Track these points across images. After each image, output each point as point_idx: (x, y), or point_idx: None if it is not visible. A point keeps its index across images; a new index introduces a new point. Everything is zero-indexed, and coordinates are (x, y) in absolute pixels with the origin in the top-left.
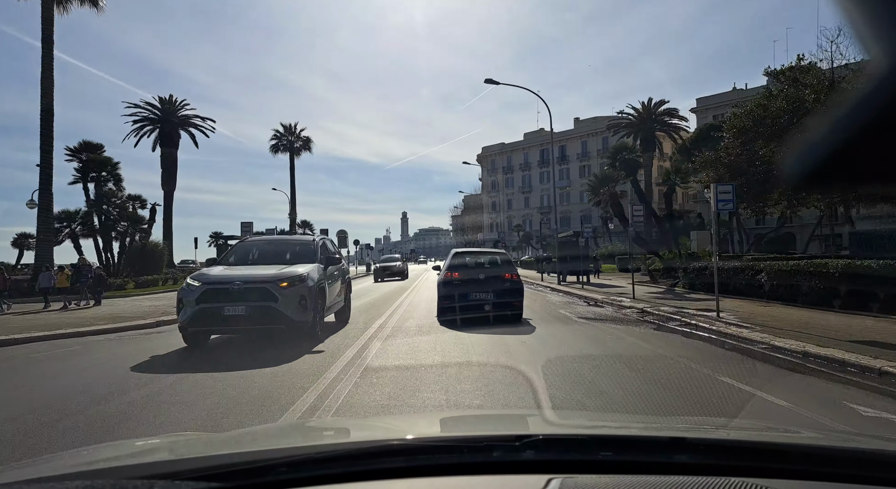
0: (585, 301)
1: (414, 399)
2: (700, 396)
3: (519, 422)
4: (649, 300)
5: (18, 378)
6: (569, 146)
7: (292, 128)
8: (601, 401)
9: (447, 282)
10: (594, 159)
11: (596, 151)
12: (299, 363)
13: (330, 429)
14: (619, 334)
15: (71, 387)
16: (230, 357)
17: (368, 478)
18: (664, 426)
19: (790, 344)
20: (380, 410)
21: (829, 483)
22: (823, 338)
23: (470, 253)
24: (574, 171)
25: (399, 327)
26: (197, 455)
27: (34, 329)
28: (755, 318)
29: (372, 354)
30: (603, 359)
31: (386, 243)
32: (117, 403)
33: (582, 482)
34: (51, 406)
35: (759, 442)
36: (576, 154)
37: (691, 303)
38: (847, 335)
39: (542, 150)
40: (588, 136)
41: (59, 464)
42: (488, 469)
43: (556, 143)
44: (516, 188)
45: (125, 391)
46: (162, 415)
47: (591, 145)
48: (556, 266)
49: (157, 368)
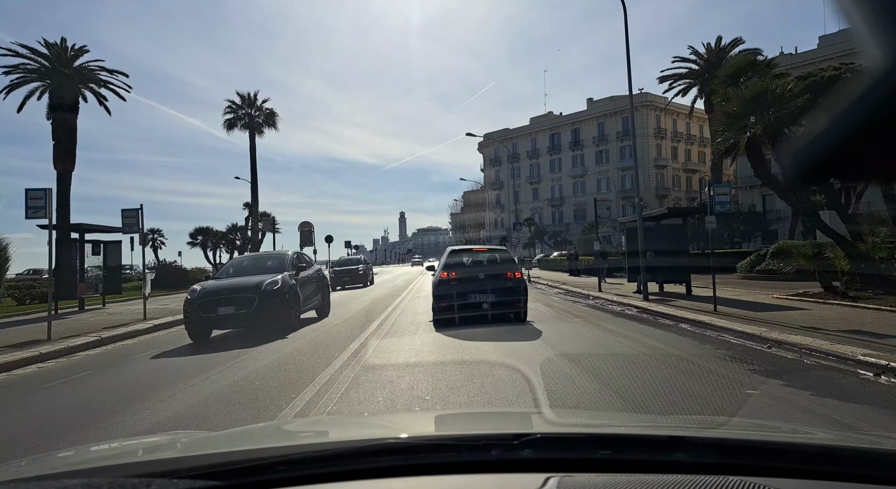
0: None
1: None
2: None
3: (517, 420)
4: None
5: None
6: (583, 129)
7: (251, 98)
8: None
9: (443, 283)
10: (613, 143)
11: (615, 134)
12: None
13: (328, 427)
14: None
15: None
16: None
17: (366, 476)
18: (663, 425)
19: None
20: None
21: (829, 482)
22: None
23: (467, 250)
24: (589, 156)
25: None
26: (195, 453)
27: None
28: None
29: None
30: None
31: (384, 243)
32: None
33: (580, 481)
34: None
35: (758, 441)
36: (591, 138)
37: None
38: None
39: (552, 134)
40: (605, 116)
41: (56, 463)
42: (486, 468)
43: (568, 126)
44: (523, 178)
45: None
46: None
47: (609, 127)
48: (619, 263)
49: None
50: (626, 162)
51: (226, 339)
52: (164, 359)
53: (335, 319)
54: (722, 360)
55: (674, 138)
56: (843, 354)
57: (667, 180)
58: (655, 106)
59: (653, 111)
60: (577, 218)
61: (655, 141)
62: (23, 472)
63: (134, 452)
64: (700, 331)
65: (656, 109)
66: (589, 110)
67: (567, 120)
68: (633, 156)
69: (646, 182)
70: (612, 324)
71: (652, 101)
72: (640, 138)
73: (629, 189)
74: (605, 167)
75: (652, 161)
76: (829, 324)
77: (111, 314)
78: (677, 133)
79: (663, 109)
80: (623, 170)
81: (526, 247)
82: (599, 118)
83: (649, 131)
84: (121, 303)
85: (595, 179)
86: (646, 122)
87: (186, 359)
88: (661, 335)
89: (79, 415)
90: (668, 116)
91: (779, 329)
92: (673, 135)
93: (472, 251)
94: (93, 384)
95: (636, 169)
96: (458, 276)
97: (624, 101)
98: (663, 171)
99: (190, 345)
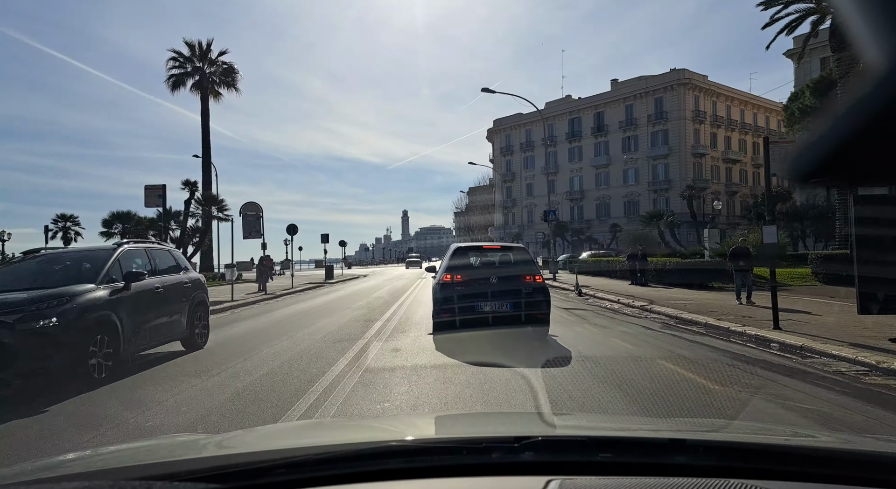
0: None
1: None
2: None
3: (518, 422)
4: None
5: None
6: (607, 113)
7: (202, 48)
8: None
9: (446, 287)
10: (642, 128)
11: (646, 118)
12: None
13: (329, 430)
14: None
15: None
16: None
17: (367, 479)
18: (664, 427)
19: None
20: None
21: (829, 485)
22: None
23: (476, 248)
24: (615, 144)
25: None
26: (195, 456)
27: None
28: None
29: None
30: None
31: (387, 243)
32: None
33: (581, 484)
34: None
35: (759, 444)
36: (617, 122)
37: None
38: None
39: (571, 119)
40: (634, 98)
41: (57, 465)
42: (487, 470)
43: (590, 110)
44: (538, 169)
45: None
46: None
47: (638, 110)
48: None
49: None
50: (659, 149)
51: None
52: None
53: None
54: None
55: (713, 123)
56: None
57: (705, 171)
58: (695, 85)
59: (691, 91)
60: (601, 213)
61: (693, 125)
62: (24, 475)
63: (134, 455)
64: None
65: (695, 89)
66: (614, 92)
67: (589, 103)
68: (666, 142)
69: (681, 172)
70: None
71: (691, 79)
72: (677, 122)
73: (661, 180)
74: (633, 155)
75: (689, 148)
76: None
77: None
78: (717, 117)
79: (703, 90)
80: (655, 158)
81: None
82: (627, 100)
83: (686, 114)
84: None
85: (621, 169)
86: (682, 103)
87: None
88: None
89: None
90: (707, 98)
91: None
92: (713, 119)
93: (481, 250)
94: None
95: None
96: (464, 280)
97: (656, 81)
98: (701, 160)
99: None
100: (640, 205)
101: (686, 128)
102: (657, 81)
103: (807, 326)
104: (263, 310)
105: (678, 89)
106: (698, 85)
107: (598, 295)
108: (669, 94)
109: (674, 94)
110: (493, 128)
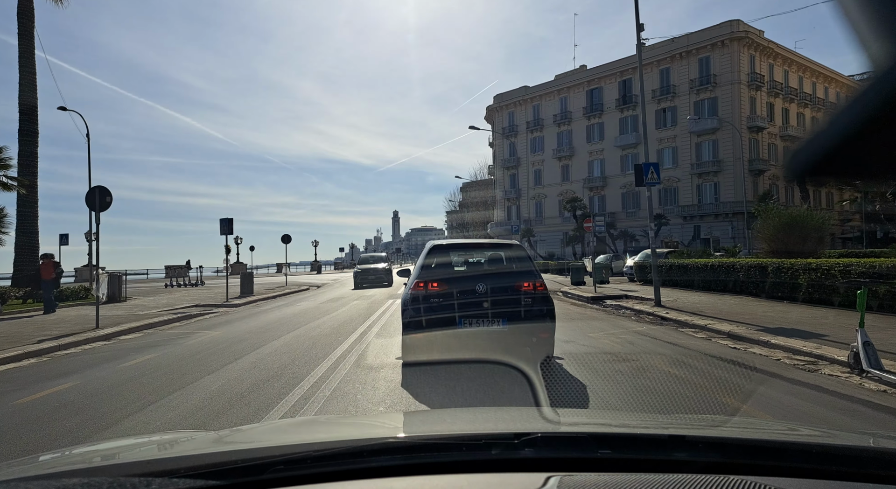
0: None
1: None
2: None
3: (518, 419)
4: None
5: None
6: (636, 80)
7: None
8: None
9: (415, 300)
10: (682, 97)
11: (687, 84)
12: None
13: (328, 426)
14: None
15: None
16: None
17: (367, 475)
18: (663, 424)
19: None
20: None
21: (829, 481)
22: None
23: (458, 247)
24: (648, 117)
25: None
26: (194, 452)
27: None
28: None
29: None
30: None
31: (377, 244)
32: None
33: (580, 480)
34: None
35: (759, 440)
36: (650, 91)
37: None
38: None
39: (590, 91)
40: (672, 59)
41: (56, 462)
42: (487, 467)
43: (614, 78)
44: (548, 152)
45: None
46: None
47: (677, 74)
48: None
49: None
50: (705, 124)
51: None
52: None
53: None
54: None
55: (771, 91)
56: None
57: (762, 149)
58: (750, 41)
59: (747, 48)
60: (628, 204)
61: (749, 92)
62: (24, 472)
63: (134, 452)
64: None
65: (751, 47)
66: (645, 53)
67: (613, 69)
68: (714, 113)
69: (735, 150)
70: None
71: (747, 33)
72: (728, 87)
73: (707, 162)
74: (669, 132)
75: (744, 120)
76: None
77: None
78: (774, 83)
79: (760, 48)
80: (700, 135)
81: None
82: (662, 62)
83: (741, 77)
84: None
85: (655, 149)
86: (736, 64)
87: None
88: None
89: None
90: (763, 59)
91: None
92: (770, 86)
93: (464, 247)
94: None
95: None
96: (440, 290)
97: (702, 38)
98: (758, 135)
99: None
100: (678, 193)
101: (741, 94)
102: (703, 37)
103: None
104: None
105: (731, 46)
106: (756, 41)
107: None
108: (719, 53)
109: (725, 53)
110: (493, 105)
